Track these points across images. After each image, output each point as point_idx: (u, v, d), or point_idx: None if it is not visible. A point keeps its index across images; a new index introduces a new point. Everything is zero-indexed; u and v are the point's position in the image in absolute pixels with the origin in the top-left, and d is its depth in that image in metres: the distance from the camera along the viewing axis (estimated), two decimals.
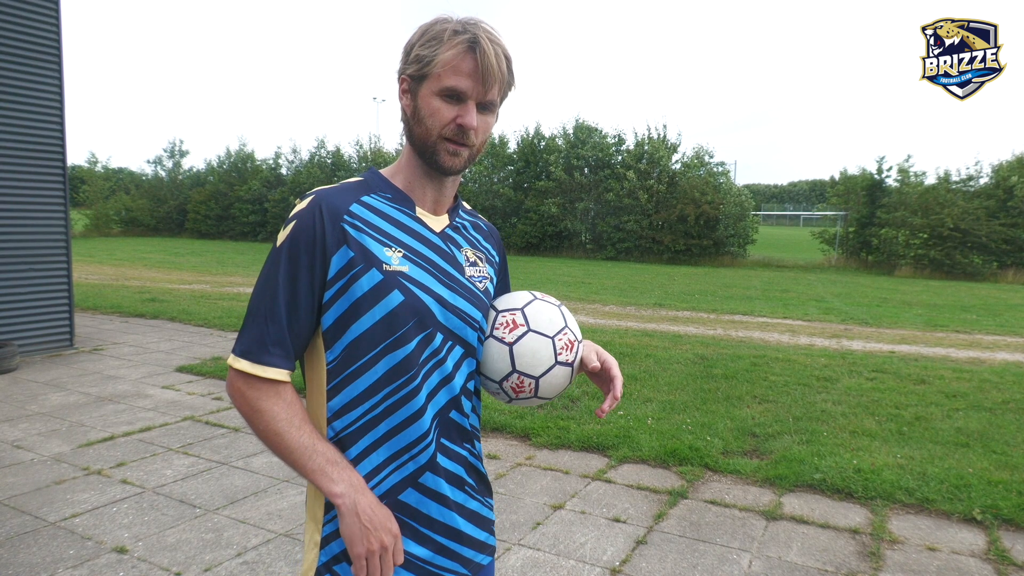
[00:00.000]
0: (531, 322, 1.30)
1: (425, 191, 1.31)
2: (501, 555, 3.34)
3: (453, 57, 1.18)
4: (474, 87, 1.20)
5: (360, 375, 1.20)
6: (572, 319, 1.36)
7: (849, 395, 6.20)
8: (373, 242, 1.21)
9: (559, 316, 1.33)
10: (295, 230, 1.18)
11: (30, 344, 7.29)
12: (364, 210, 1.24)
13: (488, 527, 1.36)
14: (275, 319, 1.17)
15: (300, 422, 1.17)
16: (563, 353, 1.29)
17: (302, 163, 31.77)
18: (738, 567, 3.28)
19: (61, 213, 7.51)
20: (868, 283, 18.09)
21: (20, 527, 3.49)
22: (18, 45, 6.96)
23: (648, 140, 25.06)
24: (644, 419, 5.37)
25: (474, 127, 1.21)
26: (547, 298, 1.35)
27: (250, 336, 1.17)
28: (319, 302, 1.20)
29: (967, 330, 10.39)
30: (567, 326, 1.32)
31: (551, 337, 1.29)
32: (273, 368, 1.16)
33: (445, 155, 1.23)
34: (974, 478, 4.21)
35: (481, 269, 1.36)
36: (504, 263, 1.49)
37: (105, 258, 20.09)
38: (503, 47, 1.22)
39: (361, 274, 1.19)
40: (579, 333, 1.35)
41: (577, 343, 1.33)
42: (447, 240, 1.31)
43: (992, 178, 21.39)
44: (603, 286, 15.57)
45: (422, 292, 1.23)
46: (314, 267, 1.18)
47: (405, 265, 1.22)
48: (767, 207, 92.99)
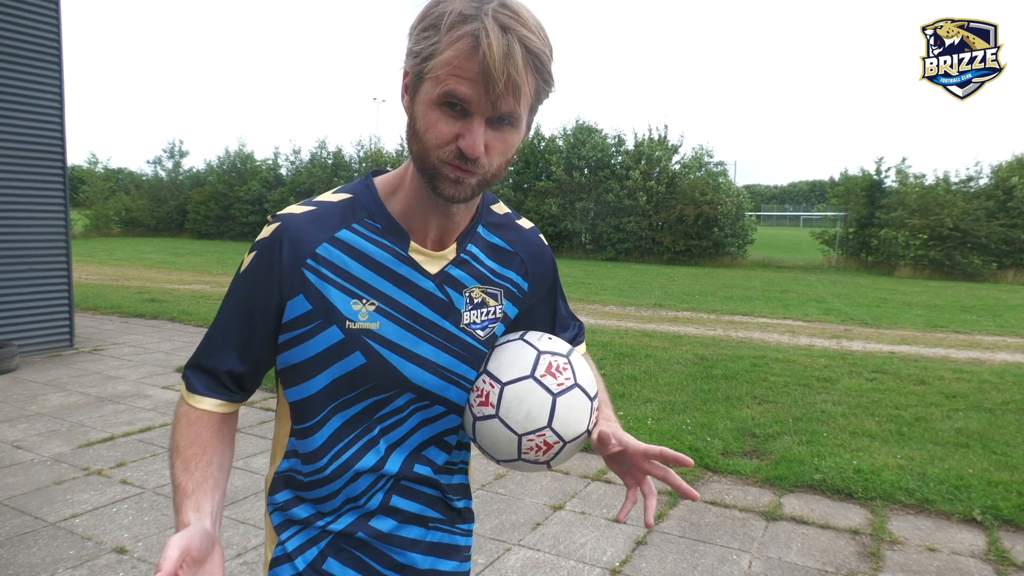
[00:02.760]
0: (500, 375, 1.09)
1: (428, 220, 1.08)
2: (501, 556, 3.34)
3: (454, 56, 0.90)
4: (479, 98, 0.91)
5: (314, 432, 1.08)
6: (548, 340, 1.13)
7: (849, 396, 6.20)
8: (338, 293, 1.04)
9: (525, 349, 1.10)
10: (254, 262, 1.05)
11: (30, 344, 7.29)
12: (336, 251, 1.04)
13: (457, 555, 1.23)
14: (227, 350, 1.07)
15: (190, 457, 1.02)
16: (548, 378, 1.07)
17: (302, 163, 31.78)
18: (738, 567, 3.28)
19: (61, 213, 7.51)
20: (868, 283, 18.09)
21: (20, 527, 3.49)
22: (18, 45, 6.96)
23: (649, 141, 25.07)
24: (644, 419, 5.37)
25: (478, 154, 0.93)
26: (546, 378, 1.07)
27: (197, 359, 1.09)
28: (276, 339, 1.08)
29: (967, 331, 10.39)
30: (541, 352, 1.09)
31: (530, 376, 1.07)
32: (205, 399, 1.07)
33: (446, 183, 0.97)
34: (974, 479, 4.21)
35: (489, 310, 1.14)
36: (542, 281, 1.25)
37: (105, 258, 20.09)
38: (524, 35, 0.90)
39: (317, 331, 1.04)
40: (563, 348, 1.13)
41: (566, 359, 1.10)
42: (444, 283, 1.10)
43: (992, 178, 21.37)
44: (603, 286, 15.56)
45: (391, 353, 1.06)
46: (269, 306, 1.05)
47: (375, 322, 1.05)
48: (767, 207, 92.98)
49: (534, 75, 0.94)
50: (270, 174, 31.85)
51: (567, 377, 1.08)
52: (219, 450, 1.06)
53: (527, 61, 0.91)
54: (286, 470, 1.13)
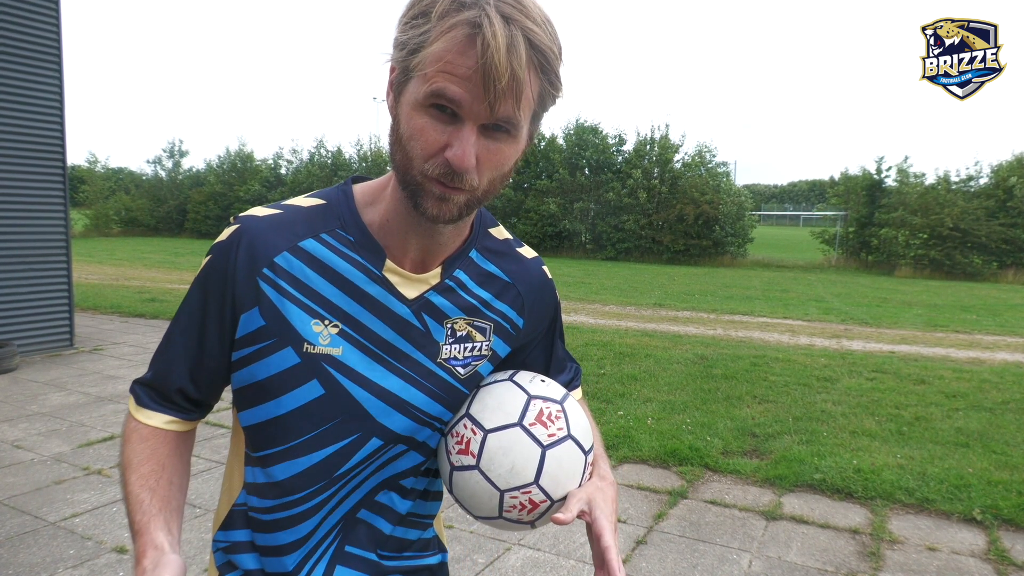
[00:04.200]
0: (484, 421, 0.95)
1: (408, 238, 0.93)
2: (501, 555, 3.34)
3: (446, 48, 0.76)
4: (472, 100, 0.77)
5: (269, 465, 0.95)
6: (540, 382, 1.00)
7: (849, 395, 6.20)
8: (297, 310, 0.90)
9: (514, 392, 0.97)
10: (207, 267, 0.93)
11: (30, 344, 7.29)
12: (297, 262, 0.91)
13: None
14: (178, 363, 0.96)
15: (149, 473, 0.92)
16: (538, 427, 0.93)
17: (302, 163, 31.80)
18: (738, 567, 3.28)
19: (61, 213, 7.51)
20: (868, 283, 18.09)
21: (20, 527, 3.49)
22: (18, 45, 6.96)
23: (651, 140, 25.07)
24: (644, 419, 5.38)
25: (468, 168, 0.79)
26: (536, 427, 0.93)
27: (152, 370, 0.98)
28: (230, 355, 0.95)
29: (967, 330, 10.39)
30: (532, 396, 0.96)
31: (518, 424, 0.93)
32: (156, 414, 0.97)
33: (429, 200, 0.83)
34: (974, 478, 4.22)
35: (473, 346, 0.99)
36: (540, 321, 1.09)
37: (105, 258, 20.09)
38: (528, 26, 0.76)
39: (270, 351, 0.91)
40: (558, 393, 0.99)
41: (560, 405, 0.97)
42: (423, 310, 0.95)
43: (991, 178, 21.39)
44: (603, 286, 15.57)
45: (354, 385, 0.92)
46: (223, 317, 0.92)
47: (338, 346, 0.91)
48: (767, 207, 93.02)
49: (538, 75, 0.80)
50: (270, 174, 31.88)
51: (560, 427, 0.94)
52: (179, 470, 0.97)
53: (531, 58, 0.77)
54: (243, 504, 1.00)
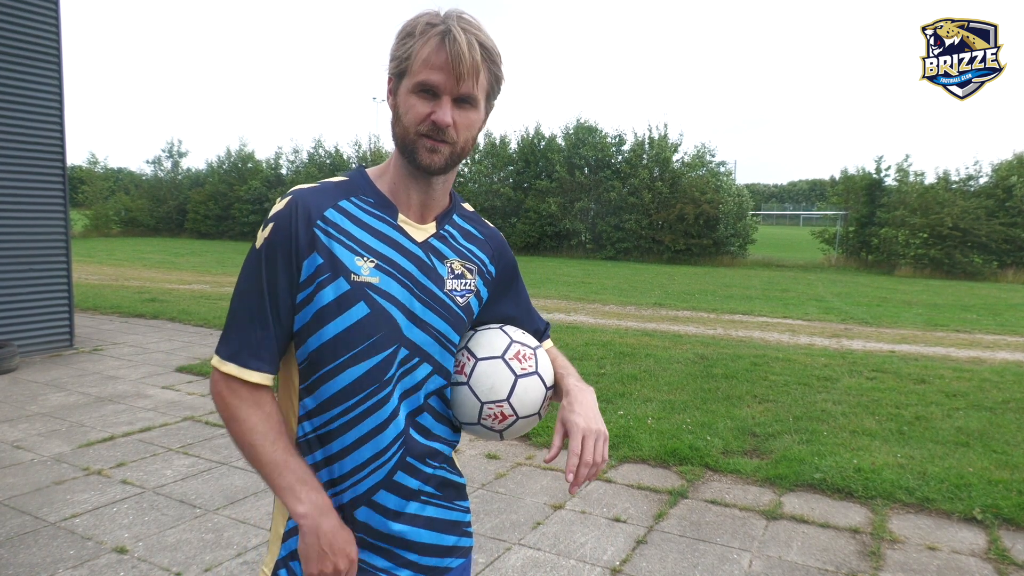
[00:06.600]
0: (477, 352, 1.29)
1: (410, 195, 1.27)
2: (501, 555, 3.34)
3: (427, 51, 1.14)
4: (446, 81, 1.15)
5: (326, 382, 1.18)
6: (522, 333, 1.35)
7: (849, 395, 6.20)
8: (344, 250, 1.19)
9: (501, 336, 1.31)
10: (272, 232, 1.17)
11: (30, 344, 7.29)
12: (340, 216, 1.21)
13: (457, 530, 1.34)
14: (260, 323, 1.16)
15: (275, 436, 1.16)
16: (515, 362, 1.28)
17: (302, 163, 31.81)
18: (738, 567, 3.28)
19: (61, 213, 7.51)
20: (868, 283, 18.09)
21: (20, 527, 3.49)
22: (18, 45, 6.96)
23: (650, 139, 25.07)
24: (644, 419, 5.37)
25: (447, 123, 1.16)
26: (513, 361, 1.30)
27: (236, 339, 1.17)
28: (295, 304, 1.18)
29: (967, 329, 10.39)
30: (513, 340, 1.31)
31: (500, 357, 1.27)
32: (258, 373, 1.16)
33: (423, 152, 1.18)
34: (974, 477, 4.21)
35: (466, 282, 1.31)
36: (507, 272, 1.42)
37: (105, 258, 20.09)
38: (479, 35, 1.16)
39: (327, 283, 1.17)
40: (533, 342, 1.34)
41: (532, 350, 1.31)
42: (429, 251, 1.27)
43: (991, 178, 21.39)
44: (603, 286, 15.57)
45: (390, 305, 1.20)
46: (291, 269, 1.17)
47: (376, 276, 1.19)
48: (767, 207, 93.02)
49: (487, 67, 1.19)
50: (270, 173, 31.88)
51: (530, 365, 1.29)
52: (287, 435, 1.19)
53: (483, 54, 1.17)
54: (304, 435, 1.22)
